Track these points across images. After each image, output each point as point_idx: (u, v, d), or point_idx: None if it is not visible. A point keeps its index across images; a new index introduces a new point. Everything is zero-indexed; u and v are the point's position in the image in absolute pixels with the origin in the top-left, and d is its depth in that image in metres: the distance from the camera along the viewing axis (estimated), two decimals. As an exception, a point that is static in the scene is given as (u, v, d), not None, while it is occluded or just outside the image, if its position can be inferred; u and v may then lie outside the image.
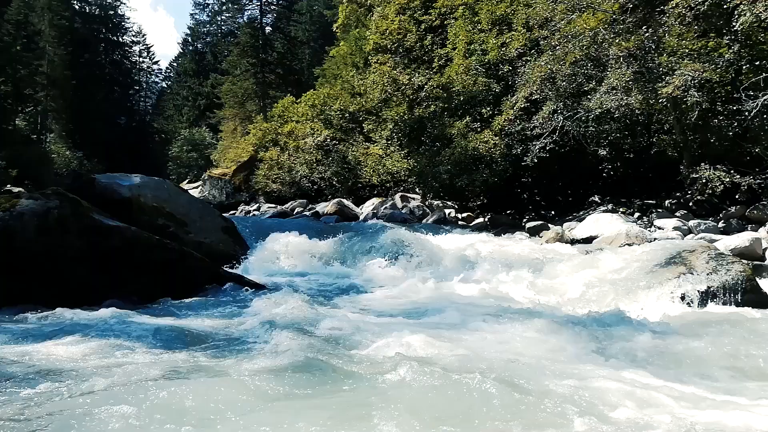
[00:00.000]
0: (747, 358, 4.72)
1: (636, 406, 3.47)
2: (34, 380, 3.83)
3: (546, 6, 14.89)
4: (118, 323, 5.63)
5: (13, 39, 17.50)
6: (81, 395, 3.55)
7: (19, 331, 5.28)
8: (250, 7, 49.86)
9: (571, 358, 4.71)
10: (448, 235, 12.60)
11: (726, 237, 10.70)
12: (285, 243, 11.09)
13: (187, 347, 4.79)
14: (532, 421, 3.22)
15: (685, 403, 3.60)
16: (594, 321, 5.81)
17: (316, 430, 3.11)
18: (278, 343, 4.79)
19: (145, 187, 11.41)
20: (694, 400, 3.69)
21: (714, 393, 3.87)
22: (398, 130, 18.76)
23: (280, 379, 3.91)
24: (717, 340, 5.11)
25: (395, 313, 6.42)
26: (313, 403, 3.51)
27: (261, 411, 3.37)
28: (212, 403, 3.44)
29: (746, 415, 3.38)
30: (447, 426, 3.16)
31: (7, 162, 12.65)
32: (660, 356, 4.79)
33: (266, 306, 6.40)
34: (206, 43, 58.20)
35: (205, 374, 4.03)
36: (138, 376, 3.91)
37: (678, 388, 3.91)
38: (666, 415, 3.32)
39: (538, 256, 9.79)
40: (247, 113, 38.74)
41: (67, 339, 4.87)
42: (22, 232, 6.49)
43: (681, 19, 12.44)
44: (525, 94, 15.83)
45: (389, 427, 3.12)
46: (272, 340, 4.93)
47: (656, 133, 14.95)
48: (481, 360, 4.33)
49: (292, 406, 3.44)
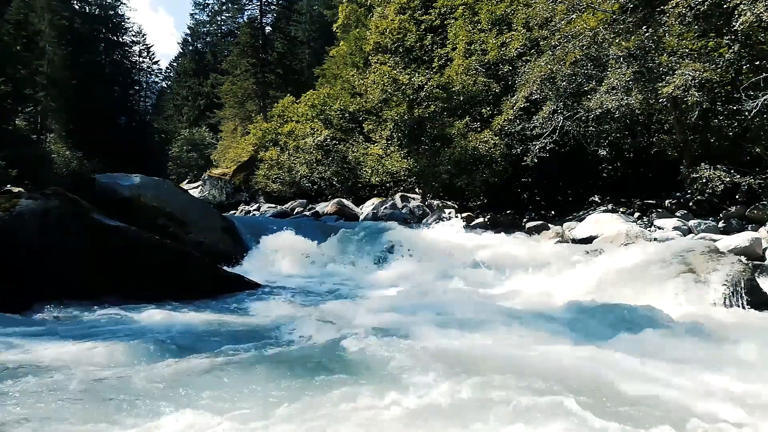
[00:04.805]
0: (746, 357, 4.72)
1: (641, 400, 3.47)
2: (36, 376, 3.83)
3: (546, 6, 14.88)
4: (117, 323, 5.64)
5: (13, 39, 17.45)
6: (81, 393, 3.55)
7: (19, 330, 5.27)
8: (250, 7, 49.84)
9: (570, 356, 4.71)
10: (448, 236, 12.58)
11: (726, 237, 10.69)
12: (284, 243, 11.09)
13: (187, 346, 4.79)
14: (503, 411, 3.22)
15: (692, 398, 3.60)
16: (594, 320, 5.82)
17: (313, 427, 3.11)
18: (277, 343, 4.79)
19: (145, 187, 11.43)
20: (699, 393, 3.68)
21: (713, 387, 3.87)
22: (398, 130, 18.75)
23: (279, 379, 3.91)
24: (717, 340, 5.11)
25: (395, 314, 6.41)
26: (313, 403, 3.50)
27: (261, 411, 3.37)
28: (211, 402, 3.44)
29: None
30: (445, 421, 3.16)
31: (7, 162, 12.62)
32: (660, 356, 4.79)
33: (265, 306, 6.41)
34: (206, 43, 58.15)
35: (204, 373, 4.03)
36: (138, 376, 3.91)
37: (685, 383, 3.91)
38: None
39: (538, 256, 9.79)
40: (247, 113, 38.70)
41: (67, 339, 4.87)
42: (22, 232, 6.49)
43: (681, 19, 12.42)
44: (525, 94, 15.82)
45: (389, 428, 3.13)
46: (271, 339, 4.93)
47: (656, 133, 14.94)
48: (482, 360, 4.33)
49: (291, 405, 3.44)
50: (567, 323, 5.70)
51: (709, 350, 4.89)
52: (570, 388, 3.73)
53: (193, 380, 3.88)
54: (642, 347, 4.96)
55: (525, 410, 3.34)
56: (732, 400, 3.66)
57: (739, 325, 5.71)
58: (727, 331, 5.41)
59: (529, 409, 3.35)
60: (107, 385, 3.74)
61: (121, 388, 3.68)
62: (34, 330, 5.33)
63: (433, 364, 4.22)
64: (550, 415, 3.26)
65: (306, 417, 3.25)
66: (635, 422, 3.24)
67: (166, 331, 5.28)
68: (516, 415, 3.29)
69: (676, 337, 5.24)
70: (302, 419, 3.22)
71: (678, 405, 3.54)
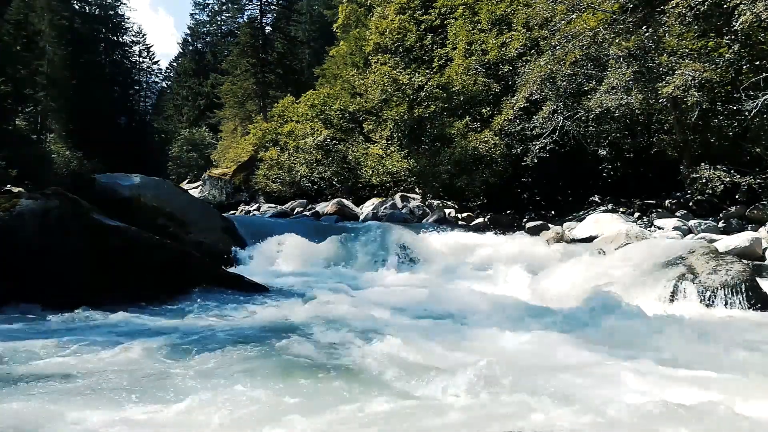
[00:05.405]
0: (746, 356, 4.72)
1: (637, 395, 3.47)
2: (36, 378, 3.83)
3: (546, 6, 14.88)
4: (118, 323, 5.64)
5: (13, 39, 17.46)
6: (81, 393, 3.55)
7: (19, 330, 5.27)
8: (250, 7, 49.83)
9: (570, 354, 4.71)
10: (448, 236, 12.59)
11: (726, 237, 10.70)
12: (284, 243, 11.09)
13: (187, 347, 4.79)
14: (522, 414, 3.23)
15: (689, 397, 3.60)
16: (594, 320, 5.82)
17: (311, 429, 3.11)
18: (277, 343, 4.79)
19: (145, 187, 11.44)
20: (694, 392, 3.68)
21: (712, 386, 3.87)
22: (398, 130, 18.75)
23: (279, 379, 3.91)
24: (716, 339, 5.11)
25: (395, 314, 6.42)
26: (313, 404, 3.51)
27: (259, 410, 3.37)
28: (212, 401, 3.44)
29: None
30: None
31: (7, 162, 12.63)
32: (660, 356, 4.79)
33: (265, 306, 6.40)
34: (206, 43, 58.15)
35: (203, 372, 4.03)
36: (136, 376, 3.92)
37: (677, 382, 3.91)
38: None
39: (538, 256, 9.80)
40: (247, 113, 38.70)
41: (67, 339, 4.87)
42: (22, 232, 6.49)
43: (681, 19, 12.43)
44: (525, 94, 15.83)
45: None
46: (272, 339, 4.93)
47: (656, 133, 14.95)
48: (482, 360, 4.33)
49: (291, 406, 3.44)
50: (567, 324, 5.70)
51: (709, 351, 4.88)
52: (571, 387, 3.73)
53: (192, 380, 3.88)
54: (642, 348, 4.97)
55: (533, 411, 3.34)
56: (732, 400, 3.66)
57: (739, 326, 5.71)
58: (728, 332, 5.41)
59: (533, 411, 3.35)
60: (107, 384, 3.74)
61: (118, 389, 3.68)
62: (34, 330, 5.33)
63: (433, 364, 4.22)
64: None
65: (305, 418, 3.25)
66: (635, 425, 3.24)
67: (166, 331, 5.28)
68: (524, 416, 3.29)
69: (676, 338, 5.23)
70: (302, 420, 3.22)
71: (678, 405, 3.54)
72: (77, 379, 3.86)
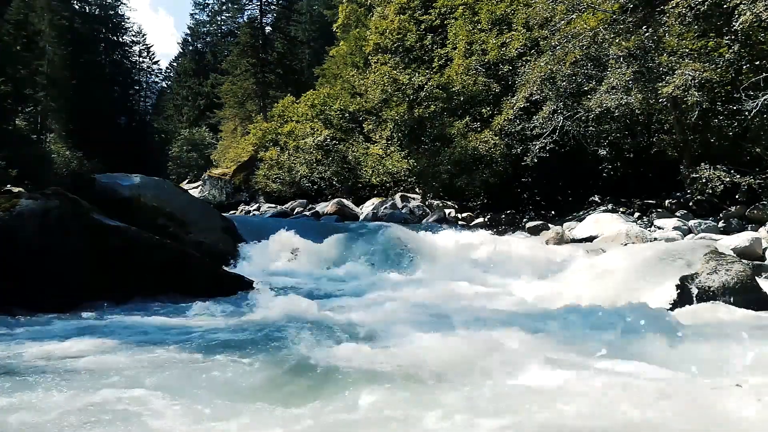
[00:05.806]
0: (747, 358, 4.71)
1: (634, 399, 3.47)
2: (36, 378, 3.83)
3: (546, 6, 14.88)
4: (118, 323, 5.64)
5: (13, 39, 17.47)
6: (82, 393, 3.55)
7: (19, 331, 5.27)
8: (250, 7, 49.90)
9: (569, 354, 4.71)
10: (448, 236, 12.58)
11: (726, 237, 10.69)
12: (284, 243, 11.08)
13: (186, 347, 4.79)
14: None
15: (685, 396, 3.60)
16: (594, 320, 5.81)
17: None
18: (277, 343, 4.79)
19: (145, 187, 11.43)
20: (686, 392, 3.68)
21: (712, 386, 3.87)
22: (398, 130, 18.76)
23: (279, 379, 3.91)
24: (717, 340, 5.10)
25: (395, 314, 6.41)
26: (314, 405, 3.51)
27: (259, 410, 3.37)
28: (210, 401, 3.44)
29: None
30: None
31: (7, 162, 12.62)
32: (659, 356, 4.79)
33: (265, 306, 6.40)
34: (206, 43, 58.18)
35: (202, 373, 4.03)
36: (136, 375, 3.92)
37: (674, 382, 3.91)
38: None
39: (538, 256, 9.79)
40: (247, 113, 38.72)
41: (67, 339, 4.87)
42: (22, 232, 6.49)
43: (681, 19, 12.42)
44: (525, 94, 15.82)
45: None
46: (271, 340, 4.93)
47: (656, 133, 14.94)
48: (485, 358, 4.33)
49: (291, 406, 3.45)
50: (566, 324, 5.69)
51: (709, 351, 4.88)
52: (570, 388, 3.73)
53: (191, 379, 3.88)
54: (642, 348, 4.96)
55: (531, 412, 3.34)
56: (732, 400, 3.66)
57: (739, 326, 5.70)
58: (728, 332, 5.40)
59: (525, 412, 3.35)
60: (106, 385, 3.74)
61: (115, 388, 3.68)
62: (34, 330, 5.33)
63: (433, 365, 4.22)
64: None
65: (304, 420, 3.25)
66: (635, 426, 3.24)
67: (166, 331, 5.28)
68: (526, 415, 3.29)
69: (676, 338, 5.23)
70: (301, 422, 3.22)
71: (677, 405, 3.53)
72: (77, 379, 3.86)
